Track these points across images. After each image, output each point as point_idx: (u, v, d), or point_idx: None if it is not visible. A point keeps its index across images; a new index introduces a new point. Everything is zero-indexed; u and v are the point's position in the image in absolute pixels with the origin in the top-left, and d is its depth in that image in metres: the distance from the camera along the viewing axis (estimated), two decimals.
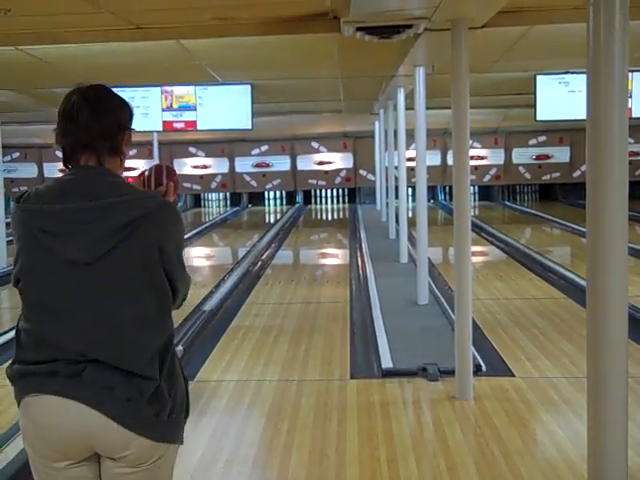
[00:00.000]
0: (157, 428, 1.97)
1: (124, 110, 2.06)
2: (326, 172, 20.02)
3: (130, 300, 1.96)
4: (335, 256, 11.87)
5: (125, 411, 1.93)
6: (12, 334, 5.34)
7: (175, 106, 10.37)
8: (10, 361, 2.05)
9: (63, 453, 1.98)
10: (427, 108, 7.09)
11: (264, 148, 19.79)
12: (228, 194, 20.88)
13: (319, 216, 18.82)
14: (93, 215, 1.93)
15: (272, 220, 17.83)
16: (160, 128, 10.51)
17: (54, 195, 1.98)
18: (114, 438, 1.94)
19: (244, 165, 19.96)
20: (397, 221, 10.55)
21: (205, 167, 19.97)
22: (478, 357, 5.20)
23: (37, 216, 1.96)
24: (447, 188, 20.09)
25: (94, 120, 1.99)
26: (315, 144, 19.82)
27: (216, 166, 19.99)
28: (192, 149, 19.69)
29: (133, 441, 1.94)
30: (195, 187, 20.10)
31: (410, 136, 8.33)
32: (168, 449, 2.02)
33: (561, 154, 19.47)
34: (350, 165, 19.99)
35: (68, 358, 1.94)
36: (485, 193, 20.49)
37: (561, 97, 10.04)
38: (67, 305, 1.95)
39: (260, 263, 10.61)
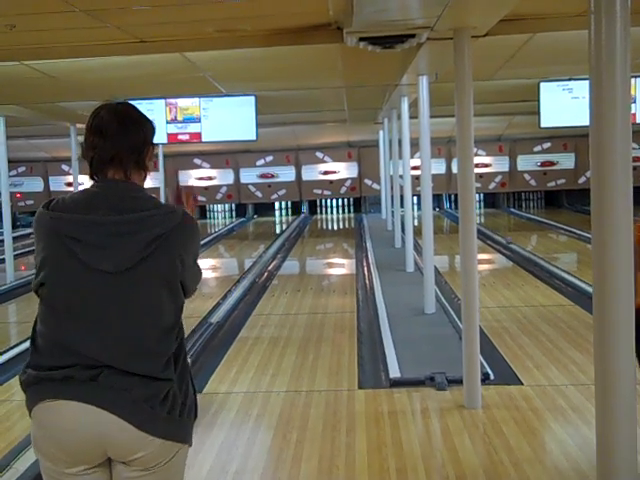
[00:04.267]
0: (168, 426, 2.01)
1: (148, 126, 2.15)
2: (331, 182, 20.02)
3: (151, 310, 2.03)
4: (341, 266, 11.86)
5: (140, 412, 1.97)
6: (18, 350, 5.34)
7: (179, 118, 10.39)
8: (23, 368, 2.07)
9: (78, 458, 2.01)
10: (431, 116, 7.10)
11: (269, 159, 19.81)
12: (234, 205, 20.92)
13: (325, 226, 18.81)
14: (124, 228, 1.99)
15: (278, 231, 17.85)
16: (165, 140, 10.52)
17: (83, 206, 2.03)
18: (128, 440, 1.97)
19: (249, 176, 19.98)
20: (403, 230, 10.55)
21: (210, 178, 19.99)
22: (486, 365, 5.19)
23: (67, 224, 2.00)
24: (452, 196, 20.10)
25: (122, 134, 2.07)
26: (320, 154, 19.84)
27: (221, 177, 20.02)
28: (197, 161, 19.72)
29: (146, 443, 1.98)
30: (200, 198, 20.09)
31: (415, 145, 8.34)
32: (178, 451, 2.06)
33: (566, 160, 19.45)
34: (355, 174, 19.99)
35: (84, 363, 1.97)
36: (490, 200, 20.50)
37: (565, 104, 10.03)
38: (89, 311, 2.00)
39: (266, 274, 10.61)
